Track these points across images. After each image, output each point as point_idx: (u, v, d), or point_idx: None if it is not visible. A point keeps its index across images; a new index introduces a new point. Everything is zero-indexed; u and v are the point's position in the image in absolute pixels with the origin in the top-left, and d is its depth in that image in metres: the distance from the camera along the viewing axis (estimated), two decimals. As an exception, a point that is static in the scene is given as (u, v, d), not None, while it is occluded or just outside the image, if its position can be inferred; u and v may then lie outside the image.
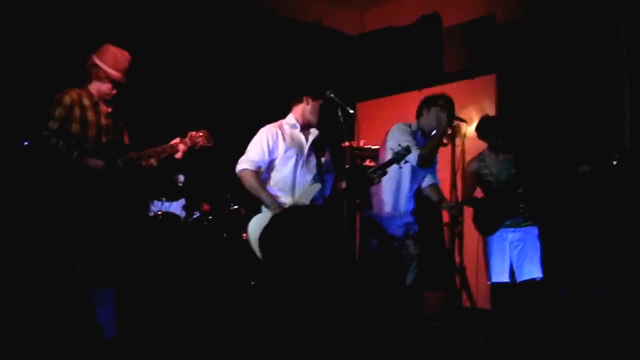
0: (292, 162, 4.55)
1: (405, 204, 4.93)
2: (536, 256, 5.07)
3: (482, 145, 5.38)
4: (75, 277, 3.78)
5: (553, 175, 5.01)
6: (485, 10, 7.07)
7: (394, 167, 4.48)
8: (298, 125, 4.67)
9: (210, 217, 6.08)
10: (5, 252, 4.29)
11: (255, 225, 4.41)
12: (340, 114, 4.36)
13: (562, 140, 5.99)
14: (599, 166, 4.75)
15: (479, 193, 5.39)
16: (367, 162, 6.33)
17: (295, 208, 2.59)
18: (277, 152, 4.55)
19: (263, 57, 7.27)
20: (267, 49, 7.34)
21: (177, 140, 4.35)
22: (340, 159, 5.19)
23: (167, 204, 6.54)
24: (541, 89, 6.35)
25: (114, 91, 4.23)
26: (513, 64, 6.69)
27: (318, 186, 4.52)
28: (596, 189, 5.58)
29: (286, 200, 4.50)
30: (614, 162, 4.64)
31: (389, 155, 4.53)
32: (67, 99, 4.06)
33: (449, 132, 4.82)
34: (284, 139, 4.58)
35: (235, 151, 4.80)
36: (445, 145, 4.92)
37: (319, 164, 4.63)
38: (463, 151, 4.95)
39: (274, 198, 4.45)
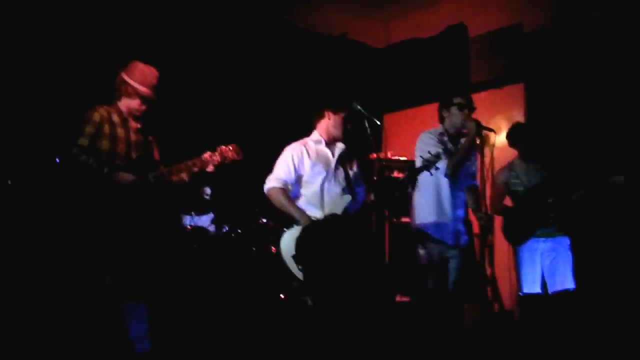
0: (320, 177, 4.58)
1: (450, 210, 4.79)
2: (568, 266, 5.00)
3: (511, 154, 5.33)
4: (106, 289, 3.80)
5: (584, 185, 4.95)
6: (511, 20, 7.05)
7: (430, 176, 4.44)
8: (323, 141, 4.69)
9: (239, 231, 6.08)
10: (38, 265, 4.34)
11: (288, 241, 4.41)
12: (367, 125, 4.36)
13: (593, 149, 5.93)
14: (631, 176, 4.70)
15: (508, 202, 5.34)
16: (395, 174, 6.32)
17: (328, 218, 2.59)
18: (303, 169, 4.59)
19: (290, 71, 7.30)
20: (294, 63, 7.38)
21: (208, 154, 4.36)
22: (367, 171, 5.18)
23: (195, 218, 6.55)
24: (570, 97, 6.29)
25: (143, 107, 4.26)
26: (541, 72, 6.64)
27: (348, 198, 4.53)
28: (629, 198, 5.51)
29: (317, 214, 4.50)
30: None
31: (418, 164, 4.52)
32: (96, 116, 4.11)
33: (478, 141, 4.77)
34: (309, 155, 4.62)
35: (263, 164, 4.84)
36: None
37: (347, 177, 4.64)
38: (492, 160, 4.91)
39: (303, 212, 4.46)
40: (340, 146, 4.71)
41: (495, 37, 7.18)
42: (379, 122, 4.36)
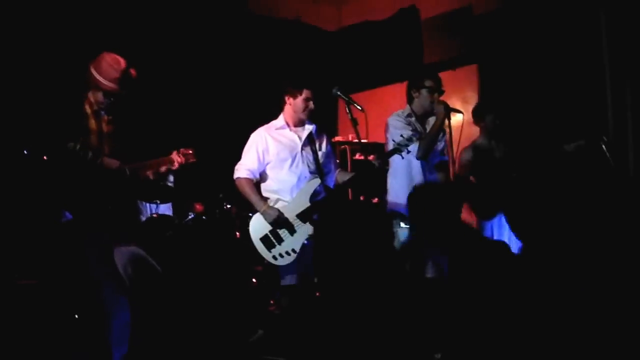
0: (287, 163, 4.66)
1: None
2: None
3: (474, 133, 5.47)
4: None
5: (540, 159, 5.12)
6: (462, 2, 7.18)
7: (402, 159, 4.57)
8: (286, 126, 4.75)
9: (204, 217, 6.10)
10: (25, 261, 4.30)
11: (256, 223, 4.58)
12: (348, 110, 4.41)
13: (546, 126, 6.13)
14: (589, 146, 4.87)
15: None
16: (357, 156, 6.43)
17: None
18: (269, 157, 4.67)
19: (246, 56, 7.29)
20: (248, 48, 7.37)
21: (174, 154, 4.35)
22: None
23: (154, 206, 6.49)
24: (523, 77, 6.46)
25: (107, 100, 4.16)
26: (494, 53, 6.80)
27: (317, 181, 4.62)
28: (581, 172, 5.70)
29: (286, 199, 4.62)
30: (603, 145, 4.77)
31: (390, 147, 4.64)
32: None
33: (447, 123, 4.88)
34: (273, 142, 4.68)
35: (225, 150, 4.89)
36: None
37: (316, 158, 4.70)
38: (459, 142, 5.06)
39: (262, 202, 4.60)
40: (308, 127, 4.76)
41: (447, 19, 7.32)
42: (359, 107, 4.39)
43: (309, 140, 4.75)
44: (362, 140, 6.40)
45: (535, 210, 5.54)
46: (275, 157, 4.65)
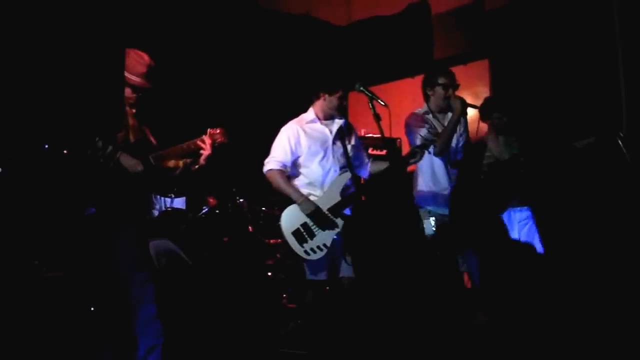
0: (318, 156, 4.64)
1: (447, 183, 4.93)
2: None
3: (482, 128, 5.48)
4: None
5: (549, 155, 5.13)
6: (472, -3, 7.18)
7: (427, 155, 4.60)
8: (317, 120, 4.74)
9: (217, 211, 6.11)
10: (51, 253, 4.30)
11: (289, 216, 4.52)
12: (371, 106, 4.38)
13: (559, 121, 6.13)
14: (600, 143, 4.88)
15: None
16: (370, 151, 6.44)
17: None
18: (300, 150, 4.65)
19: (257, 51, 7.30)
20: (258, 43, 7.38)
21: (200, 138, 4.25)
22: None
23: (168, 200, 6.52)
24: (535, 72, 6.47)
25: (135, 95, 4.16)
26: (505, 48, 6.80)
27: (348, 175, 4.62)
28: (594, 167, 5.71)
29: (317, 193, 4.60)
30: (619, 140, 4.77)
31: (417, 142, 4.66)
32: None
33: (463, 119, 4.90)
34: (305, 135, 4.67)
35: (237, 144, 4.88)
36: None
37: (346, 152, 4.69)
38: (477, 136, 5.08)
39: (299, 193, 4.55)
40: (338, 121, 4.76)
41: (457, 14, 7.32)
42: (383, 103, 4.37)
43: (339, 135, 4.74)
44: (376, 135, 6.48)
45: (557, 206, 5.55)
46: (307, 151, 4.64)
